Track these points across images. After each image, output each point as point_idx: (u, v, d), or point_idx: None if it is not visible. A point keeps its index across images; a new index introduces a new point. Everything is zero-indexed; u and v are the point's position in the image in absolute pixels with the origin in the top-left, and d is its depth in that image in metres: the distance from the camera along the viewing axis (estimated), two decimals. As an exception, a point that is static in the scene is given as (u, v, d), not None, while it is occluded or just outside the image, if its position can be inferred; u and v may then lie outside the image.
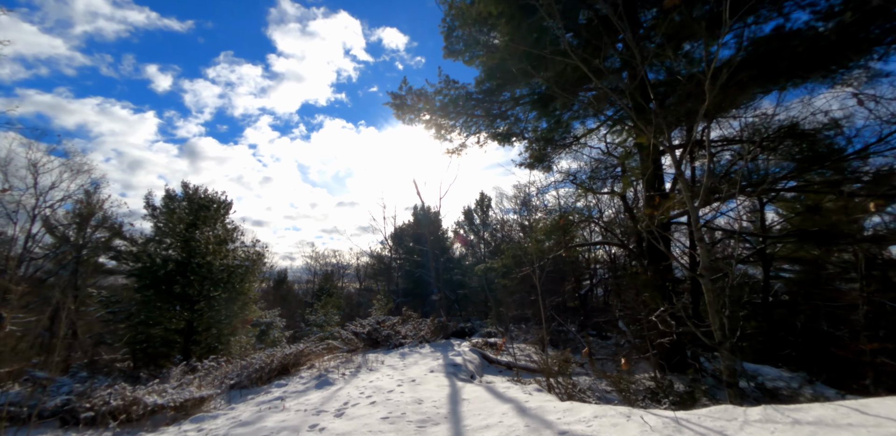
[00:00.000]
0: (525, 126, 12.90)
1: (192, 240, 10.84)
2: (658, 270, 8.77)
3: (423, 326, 12.57)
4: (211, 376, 8.52)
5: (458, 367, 7.41)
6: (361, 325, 12.35)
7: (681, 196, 8.40)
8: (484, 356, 9.46)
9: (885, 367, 8.65)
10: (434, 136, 11.86)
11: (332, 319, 20.52)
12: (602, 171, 13.34)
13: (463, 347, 10.57)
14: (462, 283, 29.13)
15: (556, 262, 14.85)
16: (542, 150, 12.96)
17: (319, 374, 7.29)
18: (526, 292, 13.80)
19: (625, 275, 15.33)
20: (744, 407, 3.15)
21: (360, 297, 36.77)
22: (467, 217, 30.77)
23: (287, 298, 36.20)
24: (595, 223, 11.82)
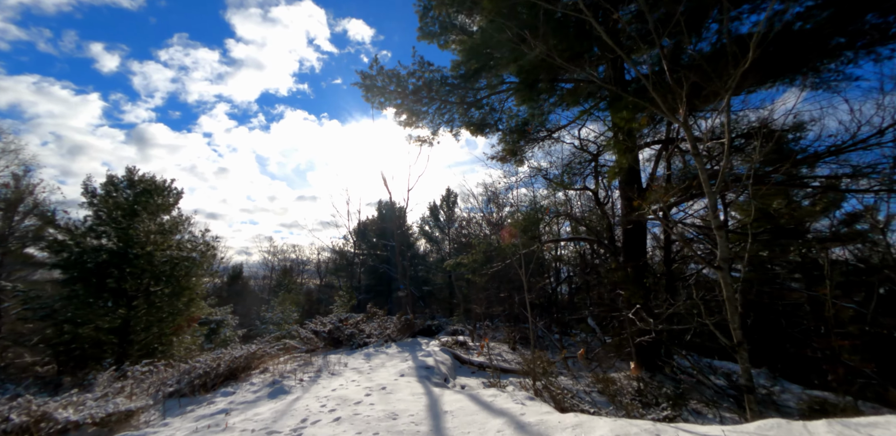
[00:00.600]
0: (500, 117, 12.29)
1: (131, 228, 9.53)
2: (637, 266, 8.35)
3: (389, 324, 11.73)
4: (147, 383, 7.38)
5: (430, 369, 6.66)
6: (322, 323, 11.37)
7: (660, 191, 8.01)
8: (456, 357, 8.76)
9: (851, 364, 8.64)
10: (404, 122, 11.04)
11: (290, 316, 19.28)
12: (575, 166, 12.94)
13: (432, 346, 9.82)
14: (427, 279, 28.37)
15: (525, 258, 14.37)
16: (516, 142, 12.38)
17: (273, 380, 6.35)
18: (496, 289, 13.22)
19: (594, 272, 15.05)
20: (799, 421, 2.58)
21: (321, 293, 35.30)
22: (433, 213, 30.01)
23: (242, 294, 34.28)
24: (571, 219, 11.36)
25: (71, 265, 9.01)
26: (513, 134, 12.23)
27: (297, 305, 23.15)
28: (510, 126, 12.36)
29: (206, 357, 7.55)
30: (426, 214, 30.42)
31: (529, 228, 10.58)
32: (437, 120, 11.26)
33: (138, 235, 9.41)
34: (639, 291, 7.91)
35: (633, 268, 8.19)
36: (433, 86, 10.00)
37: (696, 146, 3.82)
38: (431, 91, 10.16)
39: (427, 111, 10.93)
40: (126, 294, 9.61)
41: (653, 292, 8.80)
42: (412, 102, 10.48)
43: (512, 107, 12.12)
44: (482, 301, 12.45)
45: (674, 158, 11.28)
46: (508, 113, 12.29)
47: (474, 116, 11.83)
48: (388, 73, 9.69)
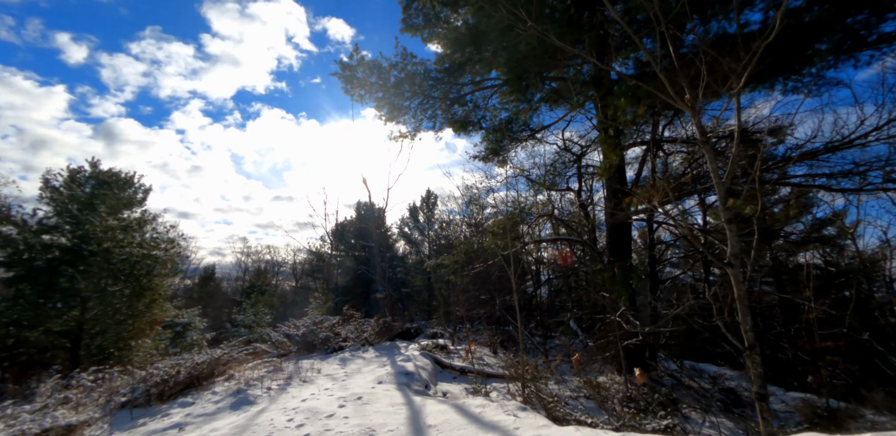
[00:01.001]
0: (483, 114, 11.95)
1: (88, 223, 8.76)
2: (624, 267, 8.07)
3: (367, 326, 11.18)
4: (97, 392, 6.68)
5: (410, 376, 6.18)
6: (295, 326, 10.75)
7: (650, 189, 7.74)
8: (437, 361, 8.30)
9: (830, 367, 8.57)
10: (385, 117, 10.56)
11: (263, 319, 18.46)
12: (559, 166, 12.69)
13: (411, 350, 9.33)
14: (406, 281, 27.80)
15: (505, 260, 14.03)
16: (499, 141, 12.06)
17: (238, 388, 5.77)
18: (476, 291, 12.82)
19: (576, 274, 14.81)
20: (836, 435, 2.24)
21: (297, 295, 34.27)
22: (412, 214, 29.49)
23: (214, 296, 32.99)
24: (555, 219, 11.06)
25: (17, 263, 8.18)
26: (496, 133, 11.90)
27: (271, 308, 22.27)
28: (493, 124, 12.03)
29: (166, 363, 6.88)
30: (406, 216, 29.89)
31: (512, 229, 10.22)
32: (419, 115, 10.82)
33: (95, 230, 8.64)
34: (625, 292, 7.62)
35: (620, 269, 7.91)
36: (416, 79, 9.56)
37: (703, 133, 3.49)
38: (414, 85, 9.73)
39: (409, 106, 10.48)
40: (80, 294, 8.81)
41: (639, 294, 8.55)
42: (393, 96, 10.02)
43: (496, 105, 11.81)
44: (463, 303, 12.02)
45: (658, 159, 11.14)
46: (492, 111, 11.96)
47: (457, 113, 11.44)
48: (369, 65, 9.21)
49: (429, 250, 28.16)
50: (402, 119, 10.69)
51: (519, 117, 12.04)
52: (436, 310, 23.78)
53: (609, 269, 8.14)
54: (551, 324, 15.03)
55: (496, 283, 13.29)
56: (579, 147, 12.96)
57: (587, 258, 12.21)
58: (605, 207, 9.57)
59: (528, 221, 10.50)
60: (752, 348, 3.31)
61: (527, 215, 10.53)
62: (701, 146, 3.51)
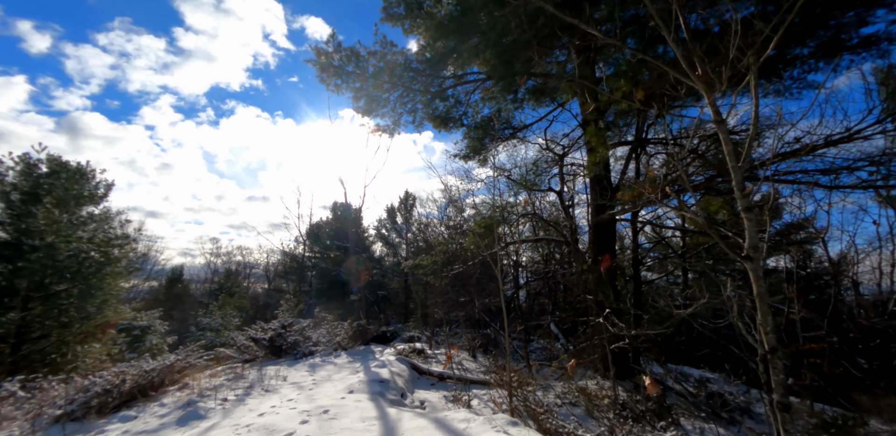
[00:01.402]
0: (465, 111, 11.53)
1: (30, 215, 7.90)
2: (610, 269, 7.73)
3: (339, 330, 10.55)
4: (31, 404, 5.88)
5: (384, 384, 5.63)
6: (263, 329, 10.02)
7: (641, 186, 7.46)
8: (414, 367, 7.75)
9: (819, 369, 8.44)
10: (363, 109, 10.00)
11: (231, 322, 17.50)
12: (542, 166, 12.36)
13: (387, 355, 8.76)
14: (382, 283, 27.09)
15: (483, 262, 13.61)
16: (480, 139, 11.67)
17: (189, 400, 5.11)
18: (455, 293, 12.34)
19: (554, 276, 14.50)
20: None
21: (269, 297, 33.06)
22: (390, 216, 28.84)
23: (182, 298, 31.52)
24: (538, 219, 10.70)
25: (-56, 259, 7.28)
26: (478, 130, 11.51)
27: (241, 310, 21.25)
28: (475, 121, 11.63)
29: (111, 371, 6.13)
30: (383, 217, 29.22)
31: (492, 229, 9.81)
32: (398, 109, 10.31)
33: (38, 223, 7.79)
34: (612, 294, 7.27)
35: (607, 270, 7.56)
36: (396, 70, 9.06)
37: (718, 112, 3.11)
38: (394, 76, 9.22)
39: (388, 98, 9.96)
40: (19, 294, 7.92)
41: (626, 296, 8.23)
42: (372, 87, 9.48)
43: (478, 101, 11.41)
44: (441, 306, 11.52)
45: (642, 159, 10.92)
46: (474, 107, 11.55)
47: (438, 108, 10.98)
48: (347, 52, 8.65)
49: (406, 252, 27.56)
50: (380, 112, 10.16)
51: (501, 114, 11.69)
52: (413, 313, 23.17)
53: (594, 270, 7.78)
54: (530, 327, 14.67)
55: (476, 285, 12.85)
56: (561, 147, 12.66)
57: (569, 260, 11.90)
58: (590, 206, 9.25)
59: (510, 221, 10.10)
60: (773, 352, 2.92)
61: (509, 215, 10.13)
62: (716, 127, 3.12)
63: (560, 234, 9.33)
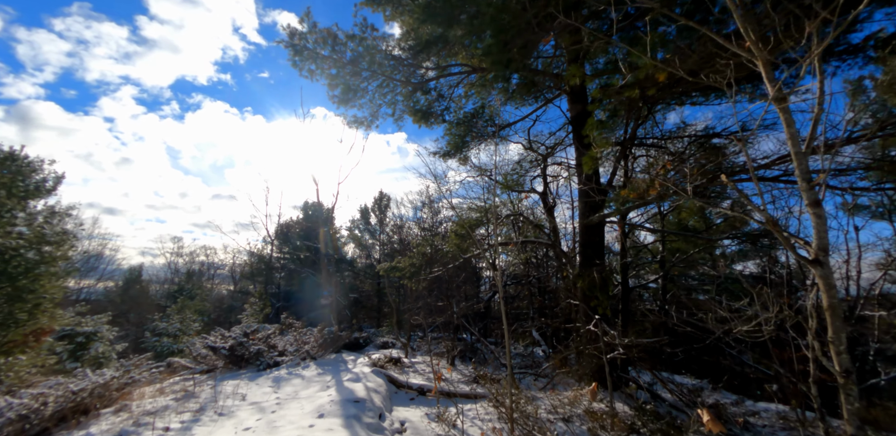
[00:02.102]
0: (448, 105, 10.88)
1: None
2: (603, 272, 7.21)
3: (309, 337, 9.66)
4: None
5: (360, 404, 4.87)
6: (223, 336, 9.04)
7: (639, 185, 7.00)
8: (391, 380, 6.99)
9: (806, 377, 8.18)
10: (339, 99, 9.20)
11: (191, 327, 16.19)
12: (525, 165, 11.84)
13: (360, 365, 7.96)
14: (354, 286, 26.04)
15: (462, 265, 12.97)
16: (462, 137, 11.04)
17: (121, 430, 4.21)
18: (433, 297, 11.63)
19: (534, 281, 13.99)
20: None
21: (234, 300, 31.38)
22: (363, 216, 27.85)
23: (139, 300, 29.49)
24: (524, 221, 10.13)
25: None
26: (460, 126, 10.88)
27: (202, 314, 19.86)
28: (458, 117, 11.01)
29: (30, 392, 5.12)
30: (356, 217, 28.19)
31: (473, 230, 9.20)
32: (377, 100, 9.56)
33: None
34: (605, 300, 6.74)
35: (600, 274, 7.03)
36: (376, 57, 8.32)
37: (780, 89, 2.55)
38: (374, 64, 8.48)
39: (366, 88, 9.20)
40: (-71, 300, 6.74)
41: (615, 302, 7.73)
42: (349, 75, 8.71)
43: (461, 96, 10.81)
44: (418, 311, 10.78)
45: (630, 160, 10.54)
46: (457, 102, 10.93)
47: (420, 102, 10.29)
48: (323, 33, 7.86)
49: (380, 254, 26.64)
50: (357, 103, 9.38)
51: (485, 111, 11.10)
52: (386, 317, 22.27)
53: (587, 274, 7.24)
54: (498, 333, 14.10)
55: (456, 288, 12.18)
56: (545, 147, 12.17)
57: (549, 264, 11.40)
58: (579, 208, 8.74)
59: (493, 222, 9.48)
60: (847, 375, 2.37)
61: (492, 217, 9.51)
62: (775, 106, 2.56)
63: (546, 236, 8.79)
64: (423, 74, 9.49)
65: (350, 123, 9.79)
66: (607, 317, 7.49)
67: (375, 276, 25.88)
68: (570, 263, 8.81)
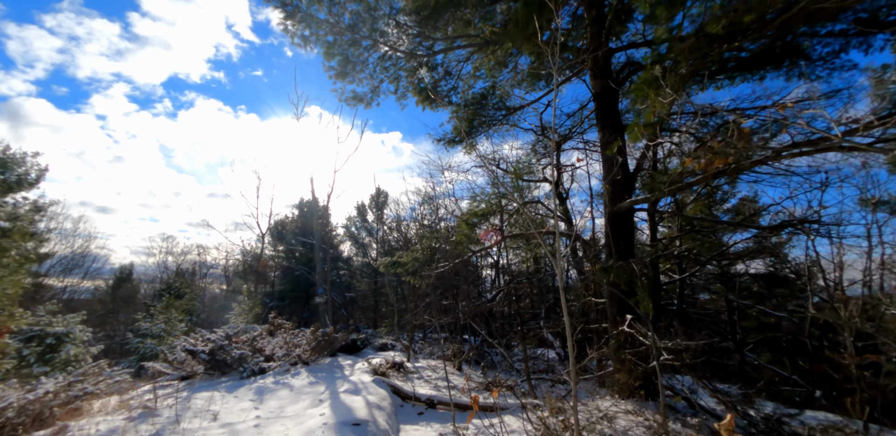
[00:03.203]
0: (455, 84, 9.83)
1: None
2: (645, 265, 6.15)
3: (301, 339, 8.52)
4: None
5: (361, 427, 3.77)
6: (204, 339, 7.88)
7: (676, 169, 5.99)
8: (396, 391, 5.89)
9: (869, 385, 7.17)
10: (336, 72, 8.11)
11: (176, 327, 14.96)
12: (540, 151, 10.81)
13: (359, 372, 6.86)
14: (350, 285, 24.86)
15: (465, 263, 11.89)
16: (470, 121, 9.98)
17: (38, 469, 3.08)
18: (438, 295, 10.52)
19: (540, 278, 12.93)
20: None
21: (227, 299, 30.10)
22: (360, 213, 26.69)
23: (129, 300, 28.17)
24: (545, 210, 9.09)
25: None
26: (468, 109, 9.83)
27: (190, 314, 18.62)
28: (466, 99, 9.96)
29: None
30: (353, 215, 27.02)
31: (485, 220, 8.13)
32: (378, 74, 8.48)
33: None
34: (647, 296, 5.68)
35: (640, 267, 5.95)
36: (378, 21, 7.25)
37: None
38: (375, 31, 7.41)
39: (367, 60, 8.12)
40: None
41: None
42: (348, 45, 7.62)
43: (471, 73, 9.76)
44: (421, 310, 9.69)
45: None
46: (466, 81, 9.88)
47: (425, 79, 9.23)
48: (319, -9, 6.75)
49: (377, 252, 25.48)
50: (356, 76, 8.29)
51: (496, 91, 10.05)
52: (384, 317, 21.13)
53: (620, 267, 6.18)
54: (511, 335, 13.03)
55: (459, 286, 11.09)
56: (558, 135, 11.14)
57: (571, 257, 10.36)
58: (605, 194, 7.69)
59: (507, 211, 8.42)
60: None
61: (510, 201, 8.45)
62: None
63: (570, 226, 7.74)
64: (430, 46, 8.42)
65: (348, 99, 8.69)
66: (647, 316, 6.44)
67: (373, 274, 24.75)
68: (593, 255, 7.75)
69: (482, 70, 9.58)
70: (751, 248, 14.58)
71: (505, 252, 13.50)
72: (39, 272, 21.96)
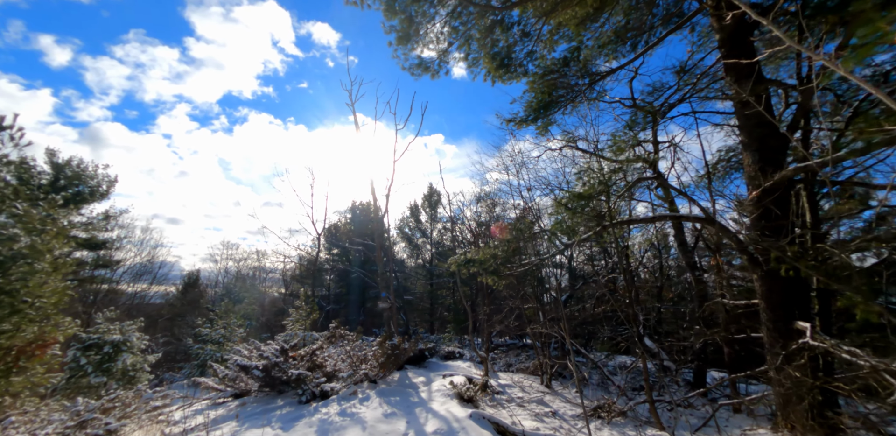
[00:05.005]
0: (532, 48, 8.19)
1: None
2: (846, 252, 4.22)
3: (366, 351, 7.16)
4: None
5: None
6: (258, 351, 6.70)
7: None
8: (500, 430, 4.30)
9: None
10: (398, 35, 6.74)
11: (235, 333, 14.25)
12: (638, 122, 8.92)
13: (440, 397, 5.35)
14: (406, 288, 23.67)
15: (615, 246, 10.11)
16: (548, 93, 8.30)
17: None
18: (521, 298, 8.84)
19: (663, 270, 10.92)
20: None
21: (286, 303, 29.95)
22: (413, 214, 25.53)
23: (196, 305, 28.65)
24: (661, 186, 7.27)
25: None
26: (544, 79, 8.16)
27: (248, 318, 18.06)
28: (544, 66, 8.30)
29: None
30: (406, 215, 25.93)
31: (591, 202, 6.41)
32: (446, 36, 7.01)
33: None
34: (869, 298, 3.76)
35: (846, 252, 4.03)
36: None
37: None
38: (445, -21, 5.96)
39: (433, 18, 6.68)
40: None
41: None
42: (411, 0, 6.22)
43: (550, 33, 8.08)
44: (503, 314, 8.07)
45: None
46: (545, 45, 8.20)
47: (499, 43, 7.66)
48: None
49: (430, 254, 24.17)
50: (420, 39, 6.87)
51: (580, 56, 8.33)
52: (444, 321, 19.70)
53: (814, 252, 4.28)
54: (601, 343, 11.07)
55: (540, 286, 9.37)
56: (651, 106, 9.21)
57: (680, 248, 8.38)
58: (748, 163, 5.75)
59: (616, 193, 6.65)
60: None
61: (617, 182, 6.69)
62: None
63: (699, 207, 5.87)
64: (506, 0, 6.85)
65: (411, 68, 7.27)
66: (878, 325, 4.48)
67: (428, 276, 23.46)
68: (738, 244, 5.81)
69: (565, 29, 7.89)
70: (870, 236, 11.79)
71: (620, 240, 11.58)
72: (112, 278, 22.41)
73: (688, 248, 8.24)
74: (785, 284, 5.23)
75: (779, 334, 5.18)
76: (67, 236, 6.22)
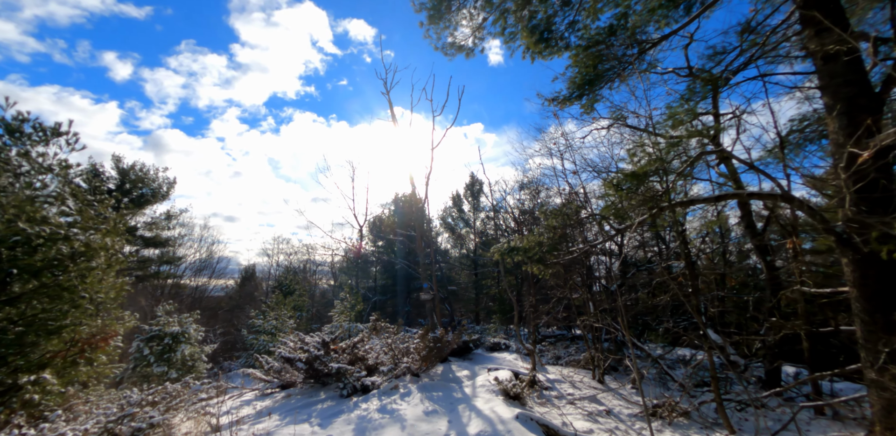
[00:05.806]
0: (574, 18, 7.52)
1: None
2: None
3: (408, 343, 6.98)
4: None
5: None
6: (303, 343, 6.67)
7: None
8: (549, 433, 3.92)
9: None
10: (429, 13, 6.37)
11: (286, 324, 14.65)
12: (696, 93, 8.07)
13: (485, 393, 5.04)
14: (450, 278, 23.52)
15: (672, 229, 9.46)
16: (593, 66, 7.65)
17: None
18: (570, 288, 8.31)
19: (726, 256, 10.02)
20: None
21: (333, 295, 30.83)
22: (455, 203, 25.22)
23: (252, 297, 30.13)
24: (725, 160, 6.54)
25: None
26: (588, 52, 7.51)
27: (299, 310, 18.58)
28: (588, 36, 7.61)
29: None
30: (448, 205, 25.67)
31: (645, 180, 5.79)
32: (479, 10, 6.53)
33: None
34: None
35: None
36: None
37: None
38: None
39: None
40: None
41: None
42: (441, -27, 5.80)
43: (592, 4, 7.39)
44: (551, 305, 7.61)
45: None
46: (588, 13, 7.52)
47: (536, 15, 7.09)
48: None
49: (474, 244, 23.82)
50: (453, 17, 6.46)
51: (628, 23, 7.58)
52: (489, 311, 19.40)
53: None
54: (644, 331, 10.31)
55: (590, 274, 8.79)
56: (709, 74, 8.30)
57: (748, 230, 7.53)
58: (836, 130, 4.91)
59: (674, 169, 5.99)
60: None
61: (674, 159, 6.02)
62: None
63: (777, 183, 5.10)
64: (543, -36, 6.28)
65: (444, 47, 6.87)
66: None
67: (472, 265, 23.17)
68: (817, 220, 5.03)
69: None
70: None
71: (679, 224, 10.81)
72: (175, 274, 23.90)
73: (756, 230, 7.36)
74: (882, 270, 4.45)
75: (878, 327, 4.43)
76: (120, 234, 6.41)
